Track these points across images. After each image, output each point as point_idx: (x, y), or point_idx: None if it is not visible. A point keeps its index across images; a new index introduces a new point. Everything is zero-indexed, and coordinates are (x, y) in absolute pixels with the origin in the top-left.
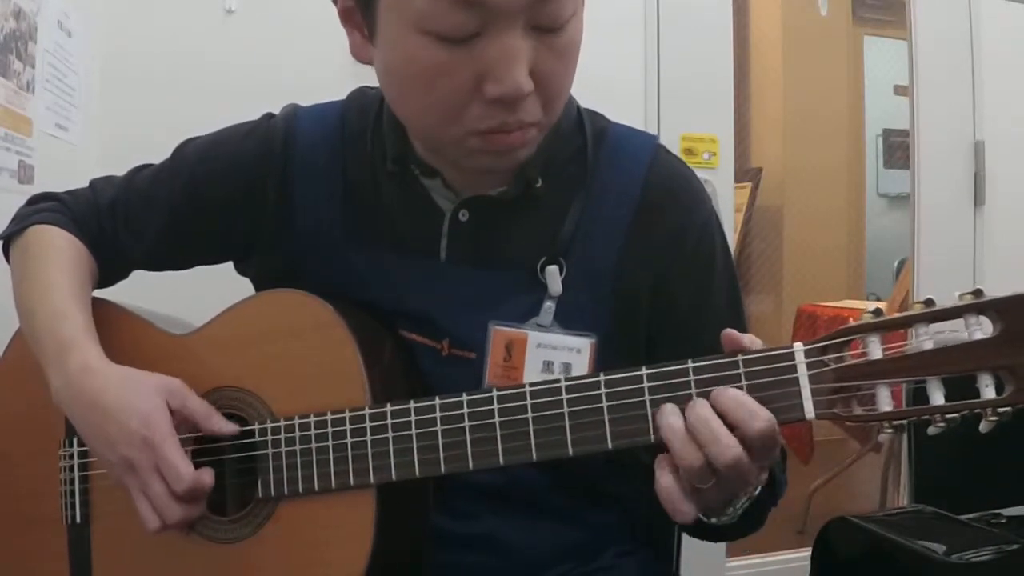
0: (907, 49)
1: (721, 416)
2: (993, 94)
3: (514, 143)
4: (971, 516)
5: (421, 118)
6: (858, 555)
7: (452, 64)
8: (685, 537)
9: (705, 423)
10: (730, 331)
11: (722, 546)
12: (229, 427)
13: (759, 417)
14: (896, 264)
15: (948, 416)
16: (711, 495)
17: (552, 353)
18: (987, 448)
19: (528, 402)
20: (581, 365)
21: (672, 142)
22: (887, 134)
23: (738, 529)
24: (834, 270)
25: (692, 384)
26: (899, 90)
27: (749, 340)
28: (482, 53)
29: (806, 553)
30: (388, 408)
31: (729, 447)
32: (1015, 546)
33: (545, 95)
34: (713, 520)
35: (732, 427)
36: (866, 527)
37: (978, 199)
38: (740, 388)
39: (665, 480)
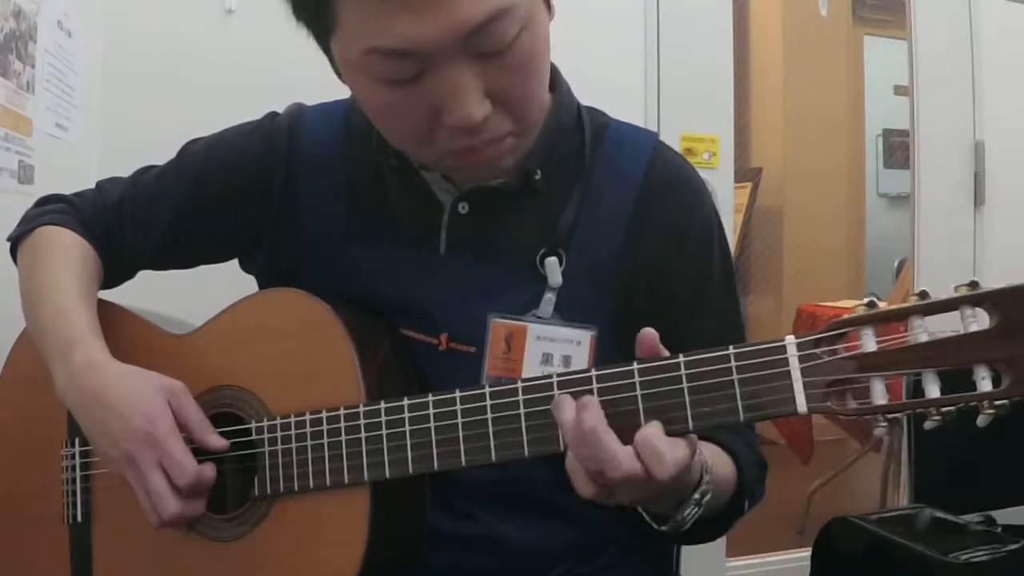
0: (907, 49)
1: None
2: (993, 94)
3: (488, 159)
4: (971, 516)
5: (398, 144)
6: (858, 555)
7: (405, 102)
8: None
9: (592, 433)
10: (647, 330)
11: (722, 546)
12: (220, 443)
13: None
14: (896, 264)
15: (944, 409)
16: (623, 494)
17: (552, 345)
18: (987, 448)
19: (520, 398)
20: (581, 357)
21: (672, 142)
22: (887, 134)
23: (695, 535)
24: (834, 270)
25: (684, 379)
26: (899, 90)
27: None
28: (431, 89)
29: (806, 553)
30: (382, 405)
31: (618, 464)
32: (1014, 546)
33: (510, 109)
34: (664, 528)
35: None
36: (866, 527)
37: (978, 199)
38: (725, 381)
39: (568, 456)
